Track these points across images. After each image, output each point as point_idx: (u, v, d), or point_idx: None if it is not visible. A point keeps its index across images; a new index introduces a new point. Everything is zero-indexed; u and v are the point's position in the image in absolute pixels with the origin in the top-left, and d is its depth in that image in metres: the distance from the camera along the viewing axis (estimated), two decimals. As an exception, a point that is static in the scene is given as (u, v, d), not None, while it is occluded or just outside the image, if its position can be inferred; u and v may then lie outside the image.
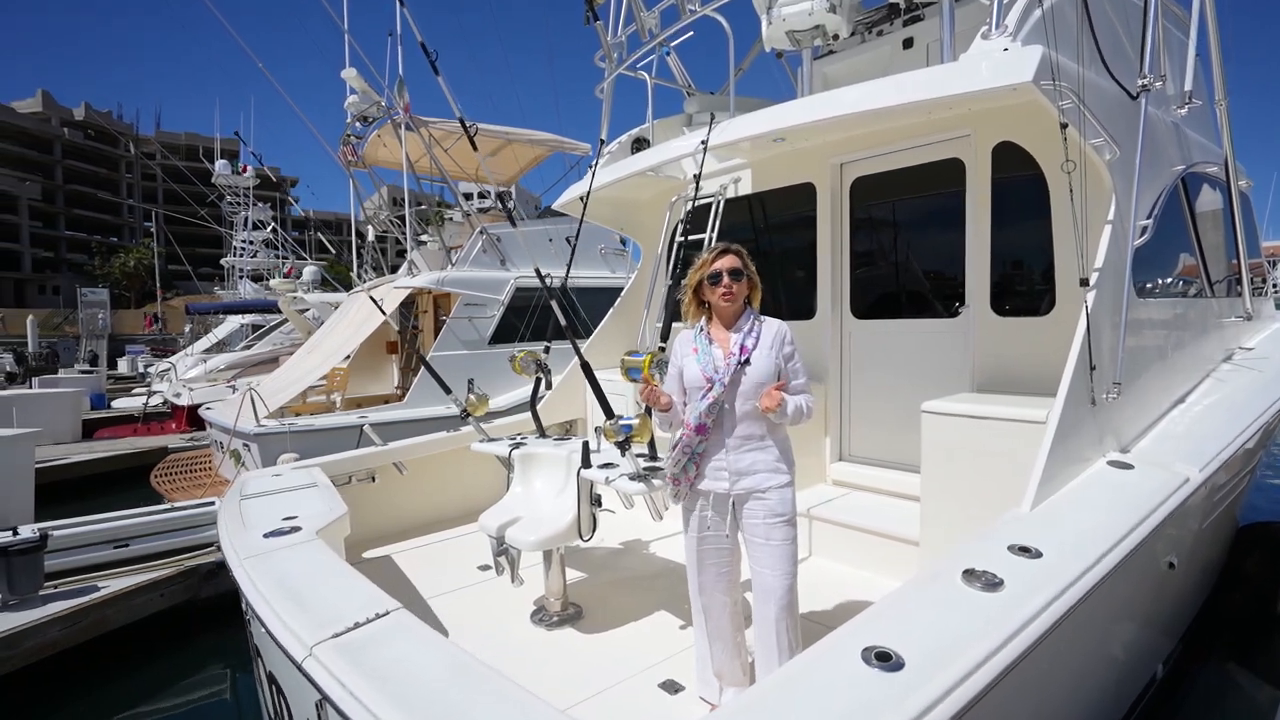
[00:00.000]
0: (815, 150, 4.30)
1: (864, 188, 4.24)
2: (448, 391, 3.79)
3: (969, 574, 1.90)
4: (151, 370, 18.59)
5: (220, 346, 19.42)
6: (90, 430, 11.81)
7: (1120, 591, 2.23)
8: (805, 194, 4.42)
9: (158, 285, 38.39)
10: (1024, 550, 2.04)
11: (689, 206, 5.04)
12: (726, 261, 2.31)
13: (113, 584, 4.08)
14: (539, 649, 2.95)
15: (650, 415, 2.54)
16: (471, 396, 3.61)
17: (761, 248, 4.93)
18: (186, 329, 26.75)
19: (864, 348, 4.27)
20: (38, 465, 8.31)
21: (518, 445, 3.45)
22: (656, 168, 4.40)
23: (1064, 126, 2.51)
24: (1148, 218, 3.28)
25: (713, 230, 4.67)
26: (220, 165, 21.53)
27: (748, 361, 2.24)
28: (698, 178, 3.52)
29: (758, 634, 2.33)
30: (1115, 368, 2.89)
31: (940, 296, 3.95)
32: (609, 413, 2.61)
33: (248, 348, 17.33)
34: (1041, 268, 3.44)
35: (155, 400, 12.86)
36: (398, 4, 7.22)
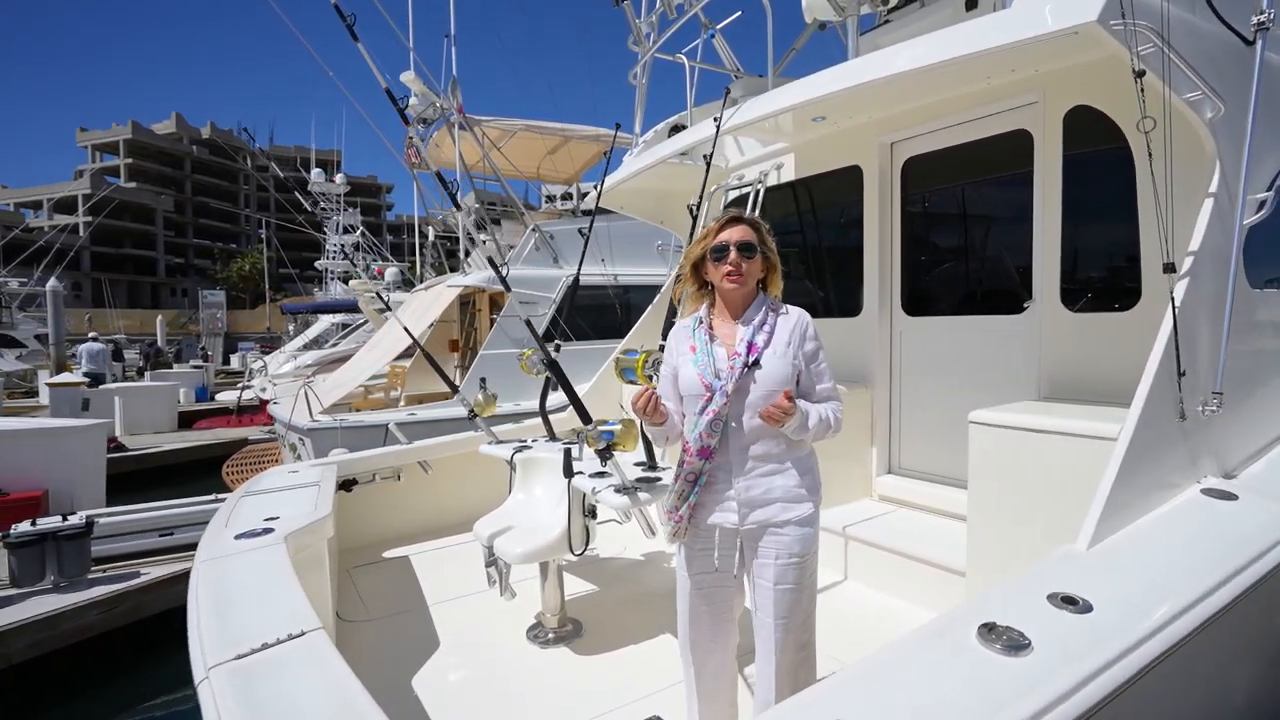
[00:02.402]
0: (861, 129, 3.87)
1: (917, 169, 3.77)
2: (455, 390, 3.66)
3: (988, 630, 1.52)
4: (255, 366, 20.07)
5: (316, 343, 20.66)
6: (190, 421, 12.79)
7: (1206, 660, 1.75)
8: (852, 178, 4.00)
9: (267, 287, 41.59)
10: (1068, 601, 1.62)
11: (727, 196, 4.75)
12: (736, 232, 1.84)
13: (155, 571, 4.24)
14: (528, 668, 2.74)
15: (639, 424, 2.23)
16: (479, 397, 3.46)
17: (807, 240, 4.53)
18: (289, 328, 28.82)
19: (916, 348, 3.81)
20: (134, 453, 9.04)
21: (522, 448, 3.27)
22: (679, 154, 4.09)
23: (1140, 75, 2.03)
24: (1268, 189, 2.67)
25: (751, 220, 4.33)
26: (315, 174, 22.91)
27: (757, 363, 1.79)
28: (708, 159, 3.22)
29: (756, 693, 1.94)
30: (1215, 374, 2.35)
31: (1003, 290, 3.44)
32: (585, 418, 2.36)
33: (335, 345, 18.32)
34: (1124, 254, 2.89)
35: (248, 395, 13.76)
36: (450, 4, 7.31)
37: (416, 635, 3.01)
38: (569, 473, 2.47)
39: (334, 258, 24.06)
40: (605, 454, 2.28)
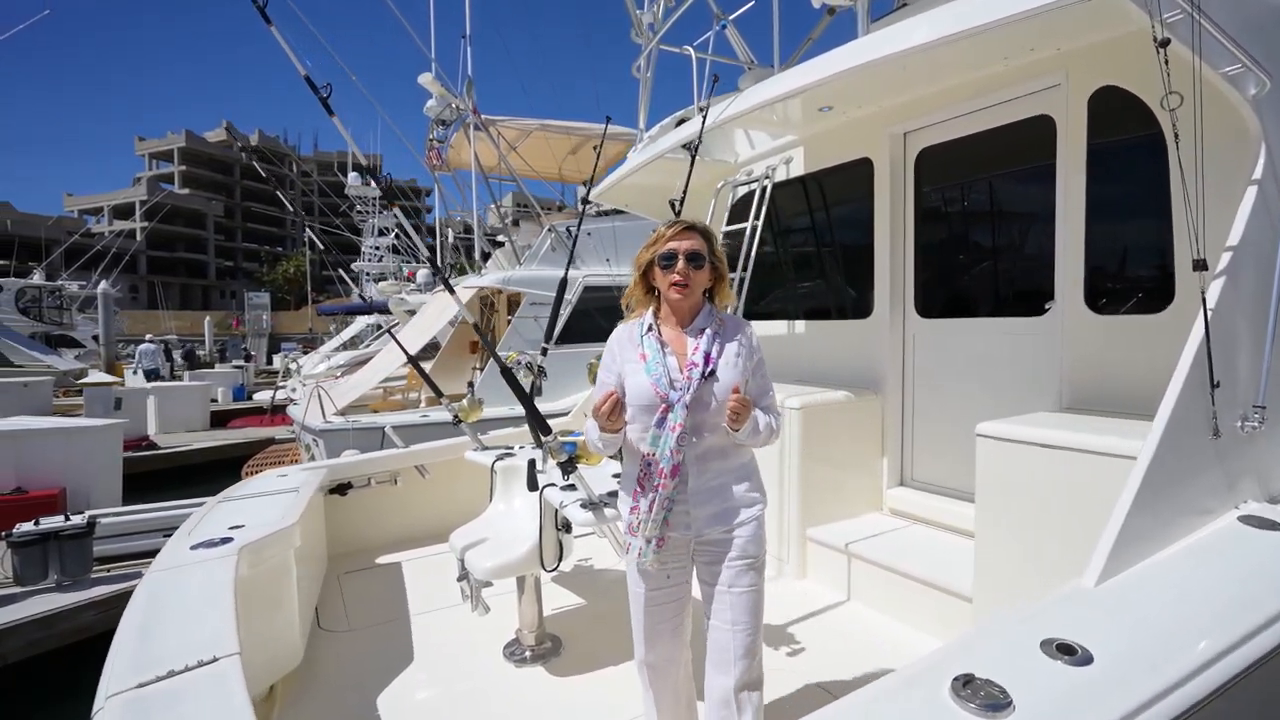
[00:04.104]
0: (871, 118, 3.64)
1: (932, 161, 3.52)
2: (439, 395, 3.56)
3: (964, 684, 1.31)
4: (290, 366, 20.55)
5: (352, 344, 21.08)
6: (226, 420, 13.11)
7: (1232, 724, 1.50)
8: (862, 172, 3.77)
9: (309, 289, 42.77)
10: (1065, 650, 1.40)
11: (735, 193, 4.56)
12: (686, 242, 1.80)
13: (157, 572, 4.25)
14: (500, 687, 2.60)
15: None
16: (464, 402, 3.35)
17: (816, 238, 4.31)
18: (331, 328, 29.56)
19: (930, 352, 3.56)
20: (165, 451, 9.27)
21: (505, 456, 3.14)
22: (680, 148, 3.91)
23: (1164, 44, 1.79)
24: (1323, 176, 2.37)
25: (757, 218, 4.13)
26: (351, 178, 23.41)
27: (713, 373, 1.75)
28: (693, 151, 3.03)
29: (711, 704, 1.80)
30: (1258, 385, 2.08)
31: (1023, 290, 3.17)
32: (544, 429, 2.21)
33: (368, 345, 18.63)
34: (1155, 250, 2.61)
35: (281, 394, 14.05)
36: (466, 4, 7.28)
37: (392, 648, 2.91)
38: (533, 486, 2.33)
39: (369, 260, 24.55)
40: (568, 467, 2.13)
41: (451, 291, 2.84)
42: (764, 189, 4.16)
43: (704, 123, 3.13)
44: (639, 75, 4.53)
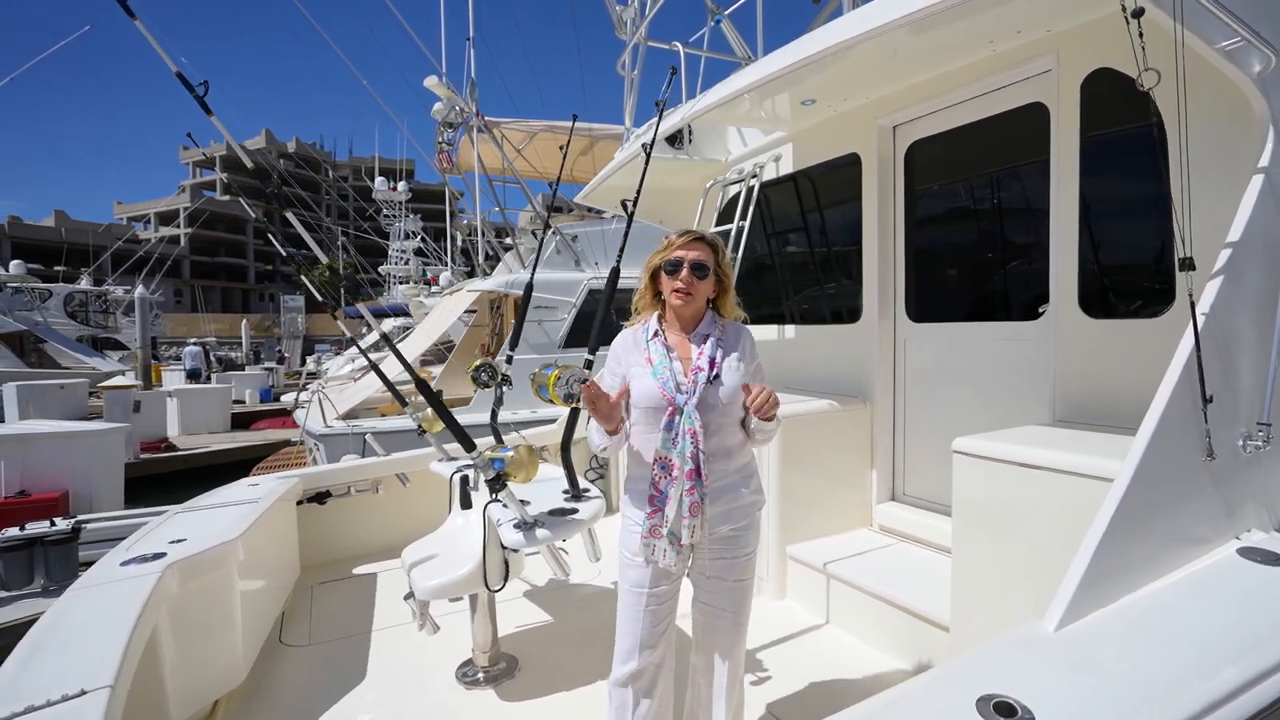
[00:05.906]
0: (859, 111, 3.44)
1: (923, 156, 3.31)
2: (404, 404, 3.47)
3: (875, 750, 1.14)
4: (319, 369, 20.92)
5: (376, 346, 21.35)
6: (250, 421, 13.36)
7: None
8: (850, 169, 3.56)
9: (341, 292, 43.70)
10: (1003, 711, 1.21)
11: (725, 192, 4.38)
12: (693, 252, 1.81)
13: (143, 577, 4.26)
14: (445, 711, 2.48)
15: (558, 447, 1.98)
16: (428, 412, 3.24)
17: (808, 239, 4.11)
18: (363, 330, 30.12)
19: (923, 358, 3.34)
20: (183, 452, 9.45)
21: (466, 467, 3.03)
22: (636, 150, 3.74)
23: (1138, 14, 1.58)
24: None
25: (743, 219, 3.95)
26: (379, 182, 23.77)
27: (718, 376, 1.77)
28: (648, 149, 2.86)
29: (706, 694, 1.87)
30: (1263, 400, 1.84)
31: (1018, 292, 2.95)
32: (469, 444, 2.08)
33: (391, 348, 18.83)
34: (1155, 249, 2.37)
35: (304, 396, 14.26)
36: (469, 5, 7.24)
37: (346, 666, 2.82)
38: (466, 504, 2.21)
39: (396, 263, 24.89)
40: (496, 484, 2.00)
41: (342, 305, 2.73)
42: (750, 188, 3.98)
43: (660, 121, 2.98)
44: (624, 73, 4.39)
